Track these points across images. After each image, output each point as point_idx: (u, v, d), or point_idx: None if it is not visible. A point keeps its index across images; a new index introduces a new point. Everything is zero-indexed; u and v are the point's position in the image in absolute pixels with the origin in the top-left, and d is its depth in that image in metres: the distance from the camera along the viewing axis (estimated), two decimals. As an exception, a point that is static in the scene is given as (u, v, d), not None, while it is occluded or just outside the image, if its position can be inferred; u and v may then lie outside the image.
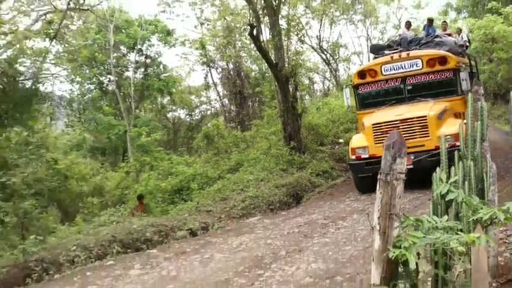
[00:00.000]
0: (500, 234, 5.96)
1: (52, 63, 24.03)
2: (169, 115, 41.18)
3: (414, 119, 13.07)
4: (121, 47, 34.64)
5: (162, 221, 13.13)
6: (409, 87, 14.42)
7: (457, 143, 11.84)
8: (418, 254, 3.02)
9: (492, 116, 25.87)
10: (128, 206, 19.45)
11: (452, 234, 3.12)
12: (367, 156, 13.59)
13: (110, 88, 34.81)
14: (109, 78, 34.40)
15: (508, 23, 18.35)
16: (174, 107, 41.30)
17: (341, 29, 44.11)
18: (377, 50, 16.89)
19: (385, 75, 14.57)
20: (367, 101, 15.13)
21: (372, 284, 3.25)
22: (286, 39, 20.52)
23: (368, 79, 14.90)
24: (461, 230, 3.30)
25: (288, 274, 7.68)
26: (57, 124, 33.58)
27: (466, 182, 4.22)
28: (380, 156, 13.92)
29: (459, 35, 19.13)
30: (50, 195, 18.68)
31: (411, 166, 11.76)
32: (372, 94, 15.09)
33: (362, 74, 15.23)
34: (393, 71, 14.46)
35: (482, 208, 3.43)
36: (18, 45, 16.76)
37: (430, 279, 4.18)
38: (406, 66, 14.30)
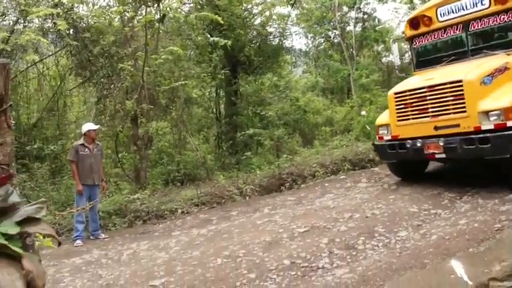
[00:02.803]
0: None
1: (292, 24, 24.51)
2: (384, 60, 39.65)
3: (447, 86, 7.19)
4: (343, 7, 34.04)
5: (382, 145, 12.84)
6: (473, 36, 8.14)
7: (509, 123, 6.58)
8: None
9: None
10: (354, 132, 19.36)
11: None
12: (389, 138, 8.18)
13: (335, 40, 34.65)
14: (335, 32, 34.13)
15: None
16: (387, 53, 39.73)
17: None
18: None
19: (442, 21, 8.39)
20: (422, 58, 8.97)
21: None
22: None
23: (423, 29, 8.75)
24: None
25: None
26: (297, 70, 34.58)
27: None
28: (405, 139, 8.00)
29: None
30: (294, 125, 19.33)
31: (442, 155, 7.30)
32: (428, 48, 8.91)
33: (414, 22, 8.95)
34: (451, 15, 8.23)
35: None
36: (267, 13, 17.36)
37: None
38: (468, 7, 7.98)
